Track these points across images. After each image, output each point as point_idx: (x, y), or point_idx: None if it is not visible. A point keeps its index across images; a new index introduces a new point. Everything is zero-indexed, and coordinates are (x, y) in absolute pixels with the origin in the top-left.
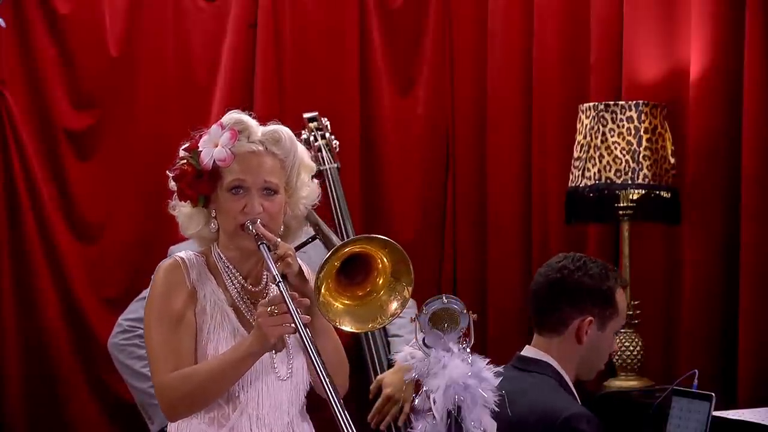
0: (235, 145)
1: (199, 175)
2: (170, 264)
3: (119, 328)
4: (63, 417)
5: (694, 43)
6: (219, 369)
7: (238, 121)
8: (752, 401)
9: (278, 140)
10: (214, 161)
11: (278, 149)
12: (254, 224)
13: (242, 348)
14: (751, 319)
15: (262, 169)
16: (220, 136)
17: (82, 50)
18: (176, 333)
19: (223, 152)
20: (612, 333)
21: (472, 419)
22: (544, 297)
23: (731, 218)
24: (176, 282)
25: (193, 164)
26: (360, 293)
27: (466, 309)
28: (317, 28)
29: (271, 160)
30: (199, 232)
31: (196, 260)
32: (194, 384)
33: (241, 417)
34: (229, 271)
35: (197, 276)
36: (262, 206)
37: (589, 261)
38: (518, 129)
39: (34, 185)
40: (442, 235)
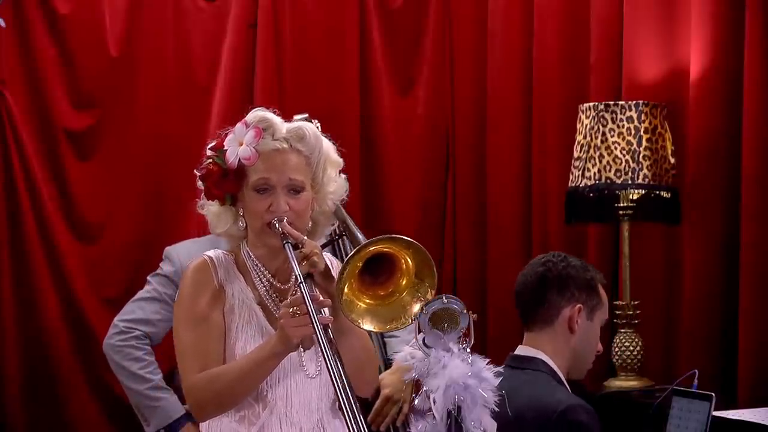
0: (259, 143)
1: (225, 174)
2: (198, 264)
3: (115, 329)
4: (63, 417)
5: (694, 43)
6: (245, 369)
7: (262, 119)
8: (752, 401)
9: (302, 137)
10: (239, 160)
11: (303, 146)
12: (280, 222)
13: (267, 348)
14: (751, 319)
15: (287, 167)
16: (245, 134)
17: (82, 50)
18: (204, 334)
19: (247, 151)
20: (599, 325)
21: (472, 419)
22: (533, 291)
23: (731, 218)
24: (204, 281)
25: (218, 163)
26: (382, 293)
27: (466, 309)
28: (317, 28)
29: (296, 157)
30: (228, 231)
31: (224, 259)
32: (222, 384)
33: (271, 415)
34: (258, 268)
35: (225, 274)
36: (288, 204)
37: (569, 256)
38: (518, 129)
39: (34, 185)
40: (442, 235)
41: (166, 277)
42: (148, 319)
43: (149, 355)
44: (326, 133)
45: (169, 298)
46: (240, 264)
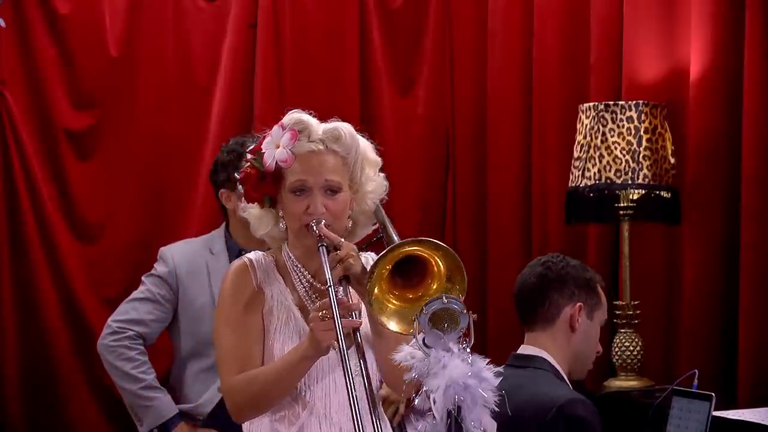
0: (295, 145)
1: (262, 177)
2: (238, 266)
3: (109, 329)
4: (63, 417)
5: (694, 43)
6: (280, 371)
7: (297, 121)
8: (752, 401)
9: (338, 137)
10: (276, 162)
11: (339, 146)
12: (317, 225)
13: (299, 351)
14: (751, 319)
15: (324, 169)
16: (281, 137)
17: (82, 50)
18: (243, 336)
19: (284, 153)
20: (598, 325)
21: (472, 419)
22: (532, 291)
23: (731, 218)
24: (243, 284)
25: (256, 166)
26: (411, 296)
27: (466, 309)
28: (317, 28)
29: (332, 158)
30: (269, 233)
31: (264, 261)
32: (258, 386)
33: (311, 416)
34: (298, 269)
35: (264, 276)
36: (325, 206)
37: (567, 257)
38: (518, 129)
39: (34, 185)
40: (442, 235)
41: (159, 278)
42: (142, 319)
43: (142, 355)
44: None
45: (162, 298)
46: (280, 265)
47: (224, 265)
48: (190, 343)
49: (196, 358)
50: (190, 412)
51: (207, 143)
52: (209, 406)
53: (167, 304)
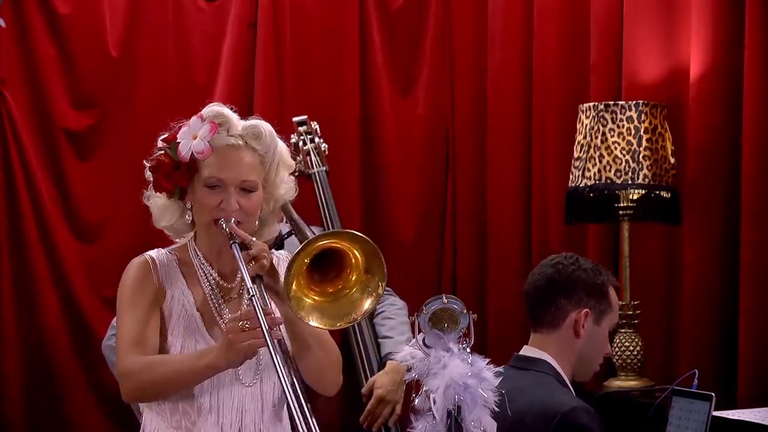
0: (214, 138)
1: (176, 166)
2: (140, 263)
3: (113, 330)
4: (63, 417)
5: (694, 42)
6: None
7: (218, 114)
8: (752, 401)
9: (258, 135)
10: (192, 153)
11: (258, 144)
12: (228, 223)
13: (205, 359)
14: (751, 319)
15: (241, 166)
16: (200, 128)
17: (82, 50)
18: (142, 323)
19: (201, 144)
20: (607, 329)
21: (472, 419)
22: (540, 293)
23: (731, 218)
24: (145, 279)
25: (170, 155)
26: (331, 290)
27: (466, 309)
28: (317, 28)
29: (250, 155)
30: (173, 225)
31: (166, 259)
32: (153, 376)
33: (206, 423)
34: (204, 266)
35: (166, 276)
36: (239, 203)
37: (582, 259)
38: (518, 129)
39: (34, 185)
40: (442, 235)
41: None
42: None
43: None
44: (325, 133)
45: None
46: (184, 264)
47: None
48: None
49: None
50: None
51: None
52: None
53: None
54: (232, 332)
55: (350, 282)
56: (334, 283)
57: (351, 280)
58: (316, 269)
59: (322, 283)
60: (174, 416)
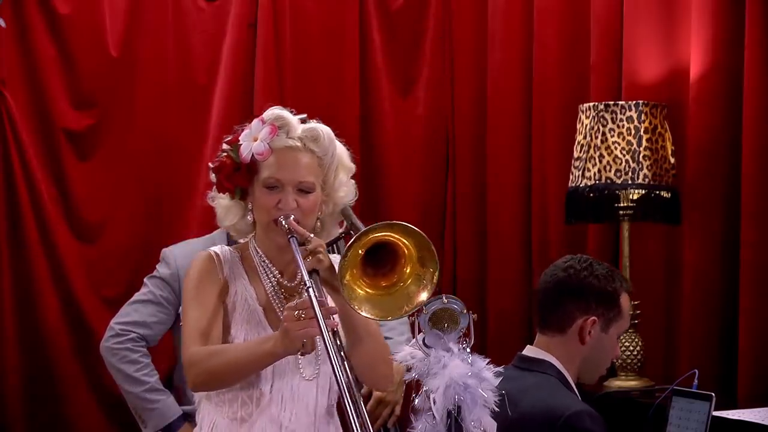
0: (273, 139)
1: (237, 167)
2: (205, 256)
3: (111, 331)
4: (63, 416)
5: (694, 42)
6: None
7: (278, 116)
8: (752, 401)
9: (317, 138)
10: (252, 155)
11: (316, 147)
12: (287, 219)
13: (265, 346)
14: (751, 319)
15: (299, 167)
16: (260, 130)
17: (82, 50)
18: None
19: (261, 146)
20: (615, 336)
21: (472, 419)
22: (550, 295)
23: (731, 218)
24: (210, 272)
25: (232, 157)
26: (384, 284)
27: (466, 309)
28: (317, 28)
29: (308, 157)
30: (236, 225)
31: (230, 255)
32: (215, 364)
33: (262, 415)
34: (265, 265)
35: (230, 271)
36: (297, 203)
37: (596, 263)
38: (518, 129)
39: (34, 185)
40: (442, 235)
41: (162, 280)
42: (144, 321)
43: (145, 357)
44: None
45: (165, 300)
46: (247, 261)
47: None
48: None
49: None
50: (193, 413)
51: (207, 143)
52: None
53: (169, 306)
54: (288, 320)
55: (405, 275)
56: (388, 277)
57: (405, 273)
58: (370, 263)
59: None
60: (232, 407)
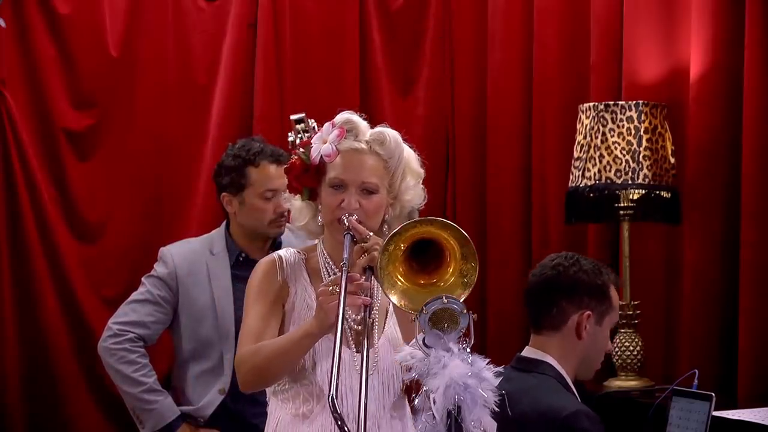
0: (341, 142)
1: (306, 169)
2: (267, 260)
3: (109, 331)
4: (62, 416)
5: (694, 42)
6: (280, 347)
7: (347, 120)
8: (752, 401)
9: (383, 141)
10: (320, 156)
11: (382, 150)
12: (349, 218)
13: (302, 327)
14: (751, 319)
15: (363, 168)
16: (330, 133)
17: (82, 50)
18: (261, 318)
19: (329, 148)
20: (608, 329)
21: (472, 419)
22: (541, 295)
23: (731, 218)
24: (270, 276)
25: (303, 159)
26: (422, 281)
27: (466, 309)
28: (317, 28)
29: (373, 159)
30: (306, 225)
31: (293, 258)
32: (260, 358)
33: (323, 412)
34: (329, 265)
35: (291, 272)
36: (360, 203)
37: (582, 258)
38: (518, 129)
39: (34, 185)
40: None
41: (159, 279)
42: (142, 321)
43: (143, 357)
44: None
45: (162, 300)
46: (311, 263)
47: (224, 266)
48: (191, 344)
49: (197, 360)
50: (191, 414)
51: (207, 143)
52: (210, 408)
53: (167, 306)
54: (322, 295)
55: (447, 274)
56: (429, 276)
57: (449, 272)
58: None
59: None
60: (295, 403)
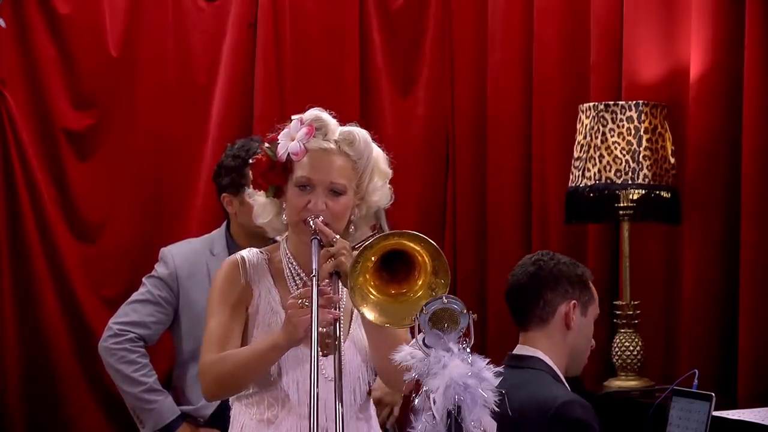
0: (309, 140)
1: (272, 166)
2: (230, 261)
3: (110, 331)
4: (62, 416)
5: (694, 42)
6: (246, 358)
7: (317, 118)
8: (752, 401)
9: (352, 141)
10: (288, 154)
11: (351, 150)
12: (315, 220)
13: (269, 339)
14: (751, 319)
15: (331, 168)
16: (298, 130)
17: (82, 50)
18: (225, 322)
19: (297, 146)
20: (592, 321)
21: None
22: (526, 291)
23: (731, 218)
24: (233, 278)
25: (269, 155)
26: (393, 291)
27: (466, 309)
28: (317, 28)
29: (342, 160)
30: (269, 222)
31: (256, 258)
32: (225, 368)
33: (289, 416)
34: (292, 266)
35: (254, 274)
36: (327, 205)
37: (558, 254)
38: (518, 129)
39: (34, 185)
40: (442, 235)
41: (160, 280)
42: (143, 321)
43: (143, 357)
44: None
45: (163, 300)
46: (274, 263)
47: None
48: (192, 345)
49: (197, 360)
50: (192, 413)
51: (207, 143)
52: (210, 408)
53: (168, 306)
54: (292, 308)
55: (416, 285)
56: (399, 286)
57: (418, 284)
58: (385, 270)
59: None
60: (260, 408)
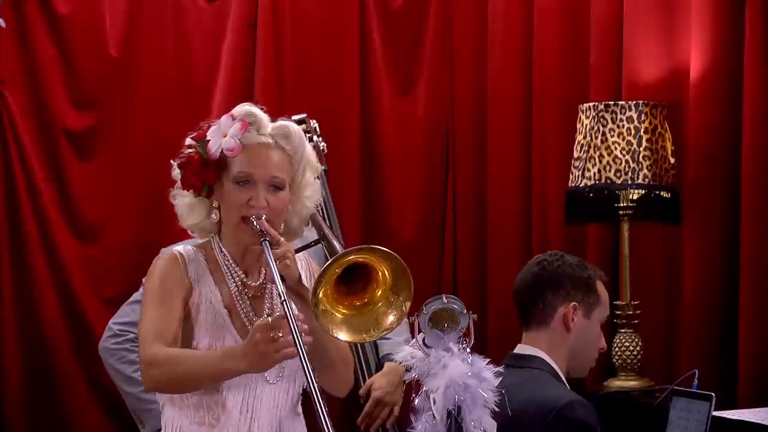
0: (244, 136)
1: (205, 163)
2: (169, 256)
3: (110, 332)
4: (62, 416)
5: (694, 42)
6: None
7: (249, 113)
8: (752, 401)
9: (288, 135)
10: (221, 151)
11: (287, 144)
12: (258, 220)
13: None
14: (751, 319)
15: (271, 163)
16: (230, 126)
17: (82, 50)
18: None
19: (231, 142)
20: (598, 323)
21: (472, 419)
22: (528, 291)
23: (731, 218)
24: (173, 272)
25: (200, 153)
26: (357, 303)
27: (466, 309)
28: (317, 28)
29: (279, 154)
30: (200, 223)
31: (194, 255)
32: (177, 370)
33: (229, 419)
34: (230, 264)
35: (195, 272)
36: (267, 200)
37: (567, 255)
38: (518, 129)
39: (34, 185)
40: (442, 235)
41: None
42: None
43: None
44: (326, 133)
45: None
46: (210, 261)
47: None
48: None
49: None
50: None
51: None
52: None
53: None
54: (263, 343)
55: (376, 297)
56: (360, 297)
57: (377, 295)
58: (342, 281)
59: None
60: (198, 412)
